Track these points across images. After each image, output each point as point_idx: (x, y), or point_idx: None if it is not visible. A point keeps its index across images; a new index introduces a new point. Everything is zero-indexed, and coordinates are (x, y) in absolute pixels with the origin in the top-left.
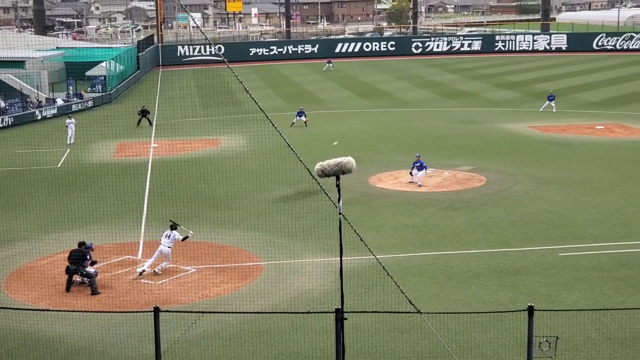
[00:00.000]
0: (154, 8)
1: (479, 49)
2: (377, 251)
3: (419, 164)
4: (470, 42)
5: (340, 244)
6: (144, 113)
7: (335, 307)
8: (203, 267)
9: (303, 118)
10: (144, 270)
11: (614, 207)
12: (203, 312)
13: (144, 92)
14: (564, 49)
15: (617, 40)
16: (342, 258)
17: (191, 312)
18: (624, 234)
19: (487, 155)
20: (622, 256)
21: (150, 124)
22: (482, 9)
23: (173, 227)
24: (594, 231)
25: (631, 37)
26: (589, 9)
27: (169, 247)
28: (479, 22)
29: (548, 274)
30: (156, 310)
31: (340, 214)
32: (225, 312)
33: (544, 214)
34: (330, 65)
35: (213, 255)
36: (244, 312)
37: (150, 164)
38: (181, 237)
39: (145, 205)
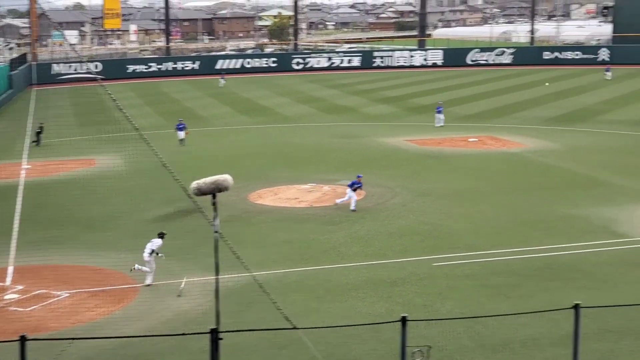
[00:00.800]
0: (28, 25)
1: (359, 64)
2: (257, 268)
3: (357, 185)
4: (349, 58)
5: (216, 263)
6: (40, 131)
7: (211, 327)
8: (76, 292)
9: (182, 134)
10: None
11: (486, 216)
12: (73, 339)
13: (17, 112)
14: (440, 64)
15: (490, 55)
16: (219, 276)
17: (61, 339)
18: (495, 243)
19: (366, 169)
20: (494, 264)
21: (37, 143)
22: (362, 26)
23: (160, 235)
24: (468, 241)
25: (502, 52)
26: (464, 25)
27: (147, 253)
28: (358, 38)
29: (423, 284)
30: (22, 339)
31: (216, 232)
32: (97, 338)
33: (420, 226)
34: (223, 80)
35: (87, 279)
36: (116, 337)
37: (21, 186)
38: (159, 248)
39: (16, 229)
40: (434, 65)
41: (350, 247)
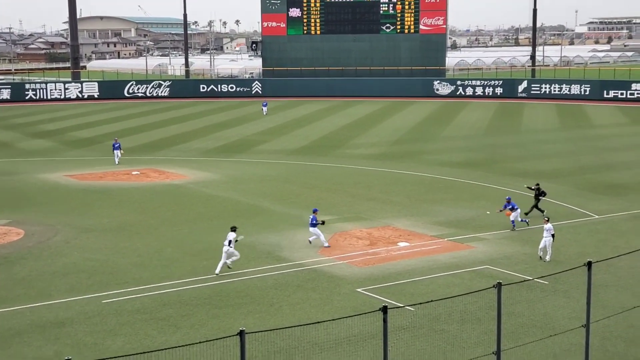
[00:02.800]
0: None
1: (9, 97)
2: None
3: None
4: None
5: None
6: None
7: None
8: None
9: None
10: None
11: (153, 249)
12: None
13: None
14: (96, 96)
15: (147, 87)
16: None
17: None
18: (163, 275)
19: (24, 207)
20: (164, 296)
21: None
22: (9, 57)
23: (233, 229)
24: (136, 275)
25: (159, 85)
26: (119, 57)
27: (227, 245)
28: (6, 70)
29: (93, 322)
30: None
31: None
32: None
33: (85, 262)
34: None
35: None
36: None
37: None
38: (236, 238)
39: None
40: (90, 98)
41: (12, 290)
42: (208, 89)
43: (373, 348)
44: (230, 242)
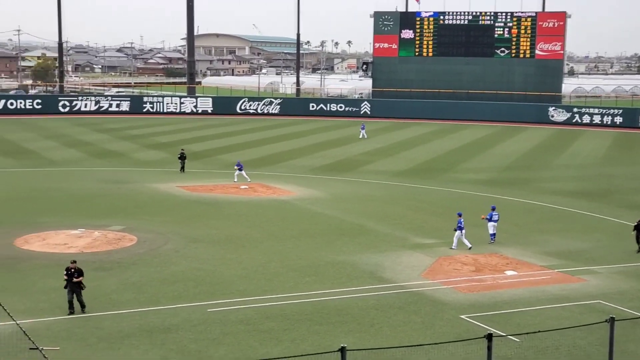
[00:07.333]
0: None
1: (128, 109)
2: (24, 316)
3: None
4: (118, 102)
5: None
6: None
7: None
8: None
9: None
10: None
11: (258, 262)
12: None
13: None
14: (209, 111)
15: (258, 104)
16: None
17: None
18: (267, 288)
19: (137, 214)
20: (266, 309)
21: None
22: (129, 71)
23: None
24: (240, 286)
25: (270, 102)
26: (232, 75)
27: None
28: (127, 83)
29: (197, 330)
30: None
31: None
32: None
33: (193, 272)
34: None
35: None
36: None
37: None
38: None
39: None
40: (204, 113)
41: (123, 294)
42: (317, 108)
43: None
44: None
